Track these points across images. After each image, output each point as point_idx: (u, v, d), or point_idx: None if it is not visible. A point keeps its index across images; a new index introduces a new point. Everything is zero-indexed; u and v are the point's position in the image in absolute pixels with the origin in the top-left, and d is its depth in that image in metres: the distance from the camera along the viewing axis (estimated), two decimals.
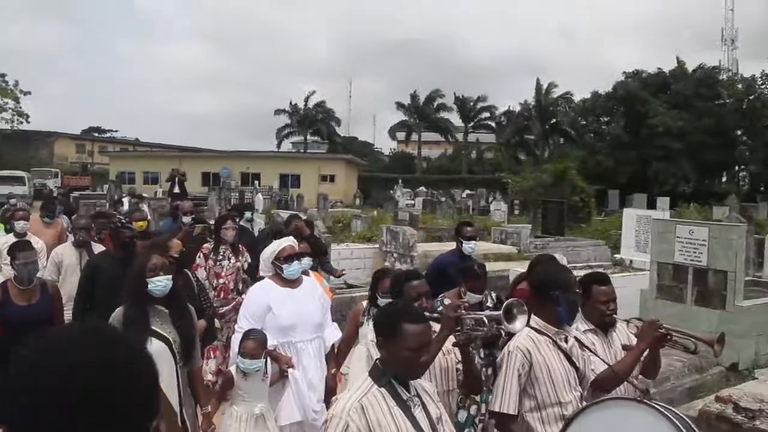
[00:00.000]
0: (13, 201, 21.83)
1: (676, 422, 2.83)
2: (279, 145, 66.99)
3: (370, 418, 2.70)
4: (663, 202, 35.63)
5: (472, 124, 66.15)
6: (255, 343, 4.51)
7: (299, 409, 4.75)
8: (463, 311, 3.48)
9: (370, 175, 59.45)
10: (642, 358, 3.80)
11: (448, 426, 2.99)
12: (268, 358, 4.67)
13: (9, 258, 5.62)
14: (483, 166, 60.81)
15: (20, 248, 5.33)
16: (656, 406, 2.96)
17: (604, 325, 4.02)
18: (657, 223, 9.02)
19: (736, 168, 46.71)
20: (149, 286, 4.19)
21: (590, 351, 3.75)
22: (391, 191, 43.10)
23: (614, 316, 4.02)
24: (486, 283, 4.95)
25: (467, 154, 65.11)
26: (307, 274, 5.43)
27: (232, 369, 4.65)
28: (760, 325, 8.23)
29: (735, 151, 42.95)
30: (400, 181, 47.08)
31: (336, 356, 5.26)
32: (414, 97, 63.70)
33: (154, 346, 4.08)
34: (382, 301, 4.74)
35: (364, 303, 5.26)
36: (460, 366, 3.76)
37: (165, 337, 4.20)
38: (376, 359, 2.93)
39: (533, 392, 3.55)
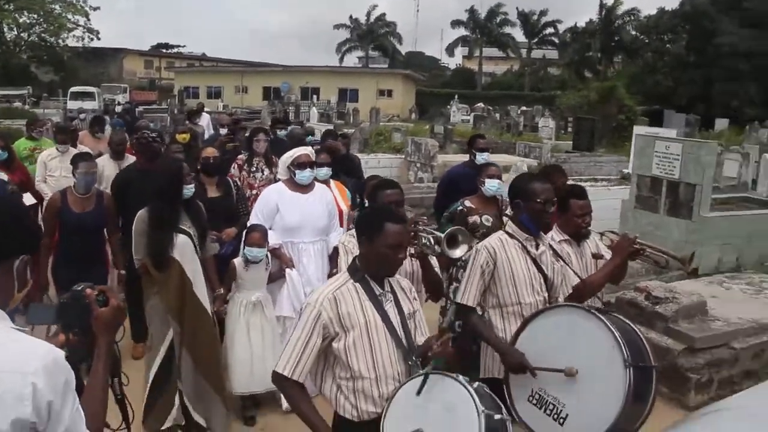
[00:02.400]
0: (82, 116, 23.36)
1: (615, 334, 3.02)
2: (341, 60, 67.45)
3: (340, 309, 2.87)
4: (721, 123, 34.98)
5: (536, 40, 64.96)
6: (259, 233, 5.01)
7: (295, 302, 5.10)
8: (419, 226, 3.73)
9: (429, 90, 59.45)
10: None
11: (421, 322, 3.13)
12: (269, 254, 5.17)
13: (61, 169, 6.39)
14: (549, 83, 59.88)
15: (82, 158, 5.67)
16: (600, 316, 3.15)
17: (578, 235, 4.18)
18: (639, 138, 9.55)
19: None
20: (184, 191, 4.68)
21: (564, 262, 3.87)
22: (448, 106, 43.32)
23: (589, 228, 4.20)
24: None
25: (530, 71, 64.19)
26: (327, 184, 5.82)
27: (236, 261, 5.12)
28: (724, 236, 8.79)
29: None
30: (456, 96, 47.04)
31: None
32: (473, 12, 62.68)
33: (180, 239, 4.55)
34: None
35: None
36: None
37: (187, 232, 4.63)
38: (355, 257, 3.11)
39: (496, 290, 3.71)
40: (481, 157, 6.89)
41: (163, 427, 4.55)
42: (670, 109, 37.93)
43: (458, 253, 3.68)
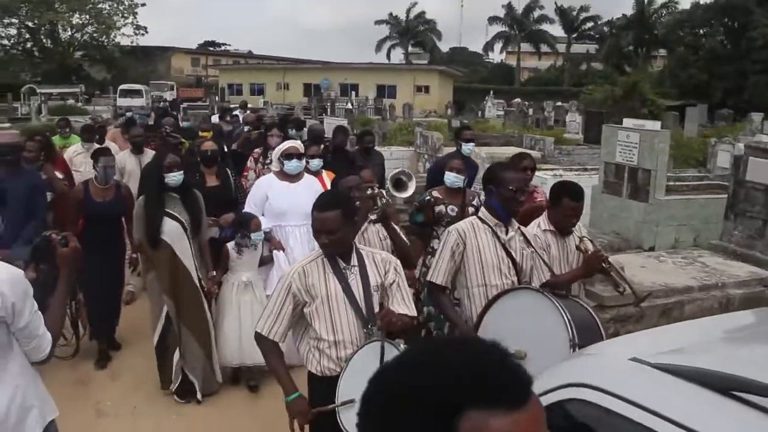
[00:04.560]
0: (129, 114, 24.83)
1: (565, 316, 3.23)
2: (388, 56, 68.50)
3: (307, 280, 3.21)
4: (757, 116, 34.98)
5: (575, 35, 65.01)
6: (257, 219, 5.53)
7: None
8: (374, 190, 4.14)
9: (467, 86, 60.11)
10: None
11: (399, 291, 3.35)
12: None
13: (86, 164, 6.92)
14: (593, 78, 59.83)
15: (102, 153, 6.12)
16: (553, 299, 3.37)
17: (562, 231, 4.30)
18: (605, 128, 10.45)
19: None
20: (165, 179, 5.08)
21: (534, 248, 3.99)
22: (484, 102, 44.04)
23: (572, 228, 4.33)
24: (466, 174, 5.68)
25: (570, 66, 64.26)
26: (319, 174, 6.33)
27: (228, 246, 5.57)
28: (679, 217, 9.66)
29: None
30: (491, 92, 47.70)
31: None
32: (510, 7, 63.07)
33: (169, 225, 5.06)
34: None
35: None
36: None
37: (177, 218, 5.11)
38: None
39: (465, 271, 3.87)
40: (467, 148, 7.44)
41: (172, 387, 5.25)
42: (704, 103, 38.05)
43: (407, 192, 4.44)
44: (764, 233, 8.37)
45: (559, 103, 44.18)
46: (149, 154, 8.11)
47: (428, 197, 5.58)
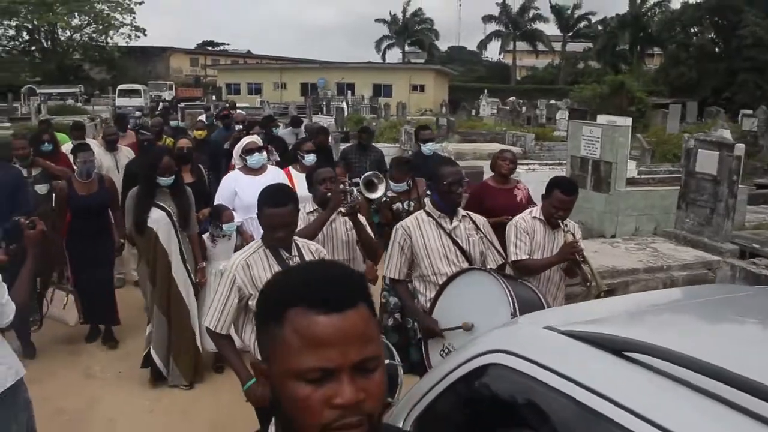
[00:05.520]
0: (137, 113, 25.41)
1: (508, 292, 3.46)
2: (383, 57, 69.02)
3: (252, 273, 3.28)
4: (747, 113, 35.53)
5: (571, 34, 65.58)
6: (228, 211, 5.75)
7: None
8: (346, 186, 4.27)
9: (463, 85, 60.70)
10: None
11: None
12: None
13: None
14: (590, 77, 60.35)
15: (81, 149, 6.41)
16: (498, 277, 3.64)
17: (550, 221, 4.45)
18: (571, 123, 11.10)
19: None
20: (158, 180, 5.35)
21: (483, 233, 4.23)
22: (478, 100, 44.67)
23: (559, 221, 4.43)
24: (407, 175, 6.08)
25: (566, 64, 64.81)
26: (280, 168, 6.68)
27: (204, 237, 5.82)
28: (639, 207, 10.24)
29: None
30: (485, 90, 48.27)
31: None
32: (505, 6, 63.60)
33: (156, 214, 5.31)
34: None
35: None
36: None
37: (165, 209, 5.35)
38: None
39: (417, 262, 4.14)
40: (425, 148, 7.91)
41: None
42: (694, 101, 38.60)
43: (377, 193, 4.71)
44: (712, 221, 8.97)
45: (553, 102, 44.81)
46: (124, 150, 8.65)
47: (384, 198, 5.88)
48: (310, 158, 6.70)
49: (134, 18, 53.57)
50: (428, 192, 5.73)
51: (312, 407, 1.08)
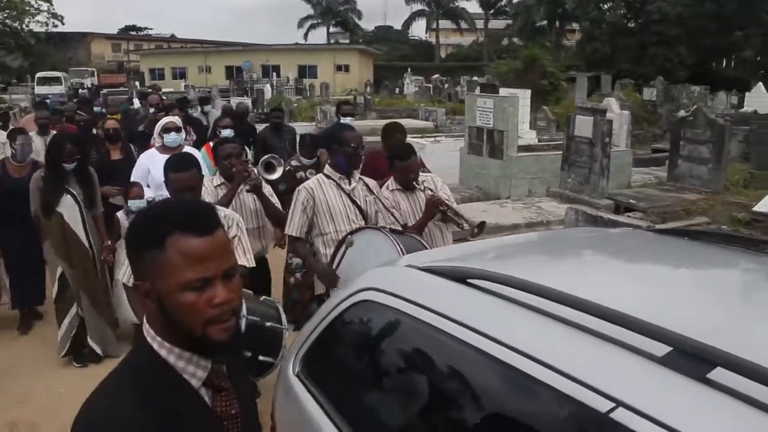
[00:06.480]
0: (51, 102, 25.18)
1: (395, 242, 3.79)
2: (306, 37, 69.05)
3: None
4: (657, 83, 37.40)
5: (492, 11, 66.88)
6: (137, 188, 5.88)
7: None
8: (250, 167, 4.70)
9: (388, 64, 61.39)
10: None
11: (239, 246, 3.80)
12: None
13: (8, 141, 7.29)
14: (514, 54, 61.56)
15: (19, 132, 6.61)
16: (386, 232, 3.95)
17: (407, 187, 4.79)
18: (467, 96, 11.93)
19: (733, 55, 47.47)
20: (64, 164, 5.53)
21: (375, 195, 4.56)
22: (402, 79, 45.35)
23: (414, 183, 4.77)
24: (314, 152, 6.72)
25: (489, 42, 66.05)
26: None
27: (119, 214, 5.95)
28: (531, 171, 11.18)
29: (731, 36, 43.57)
30: (409, 69, 48.97)
31: None
32: None
33: (66, 199, 5.53)
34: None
35: None
36: None
37: (71, 192, 5.57)
38: None
39: (317, 222, 4.39)
40: (344, 120, 8.28)
41: (61, 354, 5.68)
42: (608, 75, 40.21)
43: (276, 175, 5.12)
44: (590, 179, 9.93)
45: (475, 78, 45.91)
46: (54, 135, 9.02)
47: (288, 167, 6.36)
48: (226, 132, 7.54)
49: (51, 5, 52.11)
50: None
51: (199, 309, 1.37)
